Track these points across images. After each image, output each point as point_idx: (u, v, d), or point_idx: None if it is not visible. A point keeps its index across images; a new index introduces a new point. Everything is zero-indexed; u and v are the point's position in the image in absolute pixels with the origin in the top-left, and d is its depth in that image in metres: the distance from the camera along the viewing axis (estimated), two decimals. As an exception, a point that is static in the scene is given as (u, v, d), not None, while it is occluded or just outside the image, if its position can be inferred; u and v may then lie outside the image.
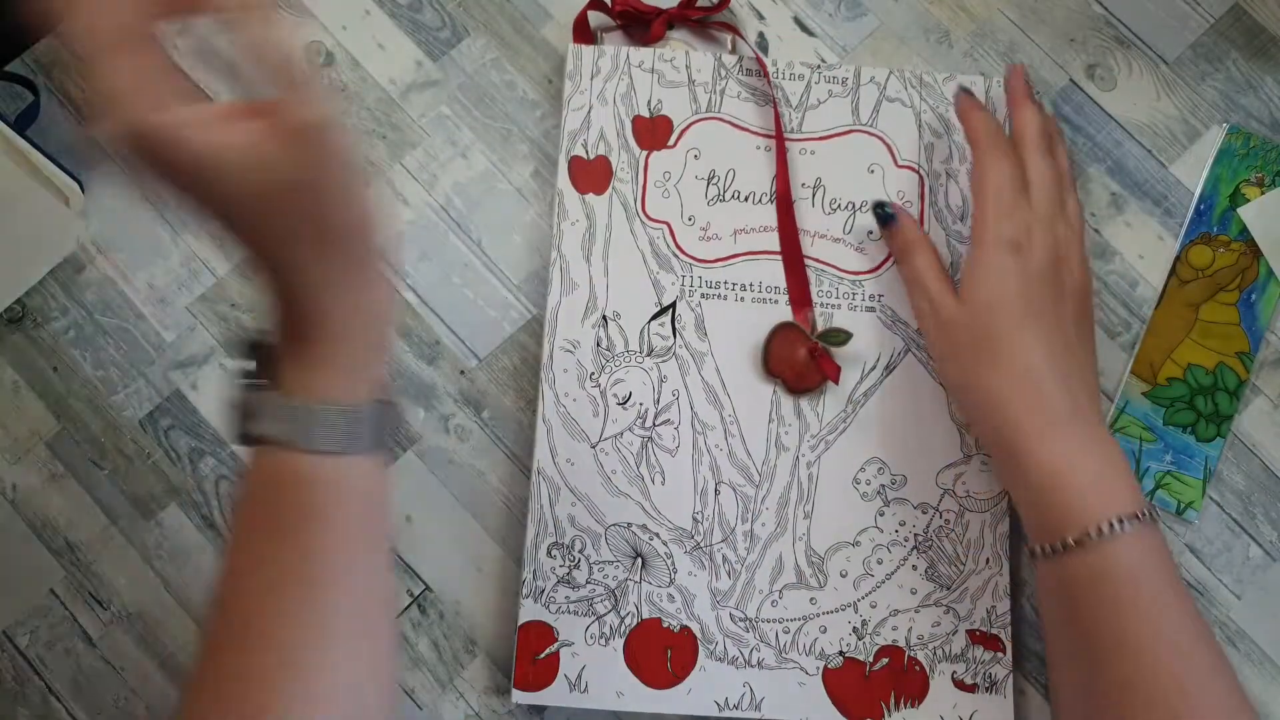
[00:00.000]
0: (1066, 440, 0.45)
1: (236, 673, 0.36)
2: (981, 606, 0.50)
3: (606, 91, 0.54)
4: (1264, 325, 0.53)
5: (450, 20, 0.57)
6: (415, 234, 0.55)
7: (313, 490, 0.37)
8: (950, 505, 0.51)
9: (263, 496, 0.38)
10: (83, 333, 0.54)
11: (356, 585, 0.39)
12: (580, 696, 0.49)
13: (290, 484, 0.37)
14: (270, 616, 0.37)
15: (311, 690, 0.37)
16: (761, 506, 0.51)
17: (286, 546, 0.37)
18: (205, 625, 0.38)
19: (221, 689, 0.37)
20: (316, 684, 0.37)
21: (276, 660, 0.36)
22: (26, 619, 0.51)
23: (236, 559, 0.38)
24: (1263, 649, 0.51)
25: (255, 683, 0.36)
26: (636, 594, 0.50)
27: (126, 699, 0.50)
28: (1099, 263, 0.55)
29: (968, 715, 0.49)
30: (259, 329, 0.39)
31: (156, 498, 0.52)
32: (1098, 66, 0.57)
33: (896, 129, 0.54)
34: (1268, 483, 0.52)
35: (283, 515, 0.37)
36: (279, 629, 0.37)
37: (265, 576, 0.37)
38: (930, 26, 0.57)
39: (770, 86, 0.54)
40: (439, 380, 0.53)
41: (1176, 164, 0.56)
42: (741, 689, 0.49)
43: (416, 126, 0.56)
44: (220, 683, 0.37)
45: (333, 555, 0.38)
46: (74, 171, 0.54)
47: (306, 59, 0.56)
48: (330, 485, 0.37)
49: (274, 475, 0.37)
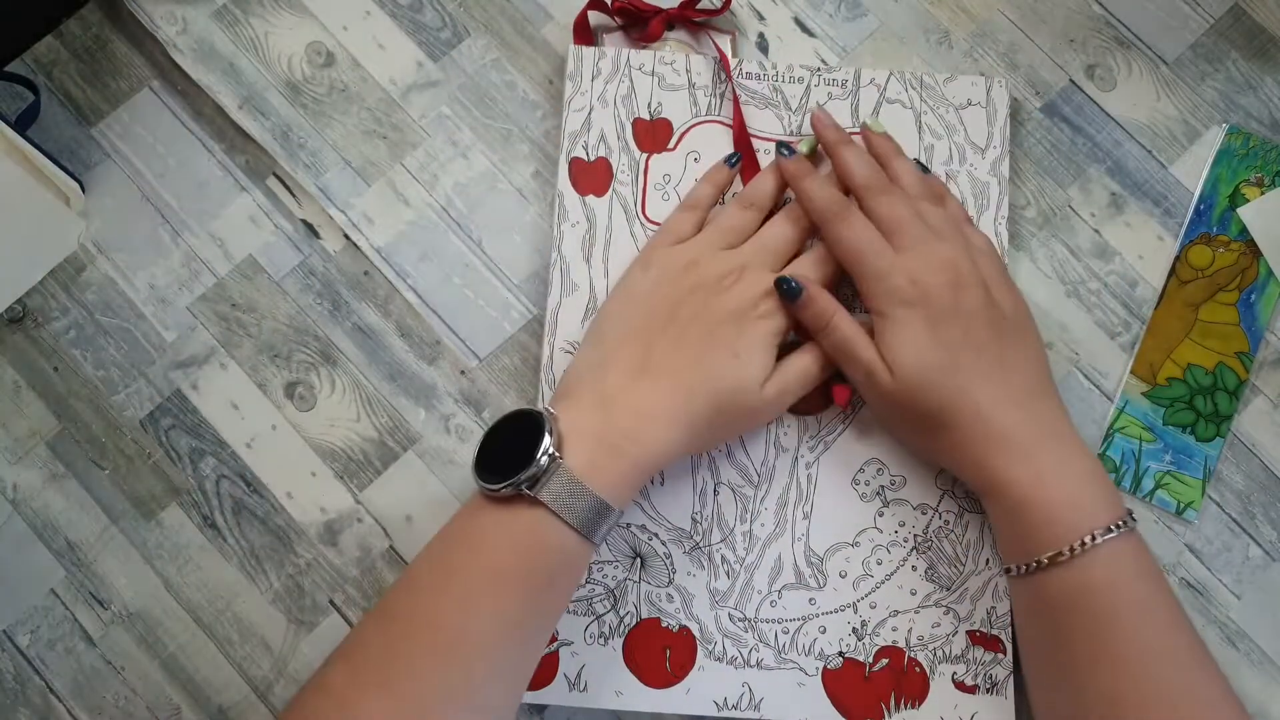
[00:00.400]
0: (1035, 461, 0.45)
1: (424, 683, 0.40)
2: (981, 607, 0.50)
3: (607, 93, 0.54)
4: (1263, 325, 0.53)
5: (450, 20, 0.57)
6: (416, 234, 0.55)
7: (564, 558, 0.43)
8: (950, 506, 0.51)
9: (523, 551, 0.42)
10: (83, 333, 0.54)
11: (542, 641, 0.44)
12: (580, 695, 0.49)
13: (545, 548, 0.42)
14: (474, 648, 0.41)
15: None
16: (760, 507, 0.51)
17: (521, 600, 0.42)
18: (396, 614, 0.42)
19: (400, 689, 0.40)
20: (477, 717, 0.41)
21: (461, 687, 0.41)
22: (26, 619, 0.51)
23: (471, 589, 0.42)
24: (1262, 649, 0.51)
25: (439, 699, 0.40)
26: (635, 594, 0.50)
27: (126, 699, 0.50)
28: (1100, 262, 0.55)
29: (968, 716, 0.49)
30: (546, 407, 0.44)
31: (156, 498, 0.52)
32: (1098, 67, 0.57)
33: (897, 131, 0.54)
34: (1267, 483, 0.52)
35: (537, 577, 0.42)
36: (479, 662, 0.41)
37: (493, 617, 0.41)
38: (930, 27, 0.57)
39: (732, 83, 0.54)
40: (439, 380, 0.53)
41: (1176, 164, 0.56)
42: (740, 689, 0.49)
43: (417, 127, 0.56)
44: (399, 683, 0.40)
45: (547, 620, 0.44)
46: (74, 171, 0.54)
47: (307, 59, 0.56)
48: (574, 560, 0.43)
49: (539, 537, 0.42)
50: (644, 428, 0.44)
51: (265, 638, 0.51)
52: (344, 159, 0.55)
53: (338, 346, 0.54)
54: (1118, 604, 0.43)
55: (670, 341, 0.46)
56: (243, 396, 0.53)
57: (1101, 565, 0.43)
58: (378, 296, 0.54)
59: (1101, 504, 0.44)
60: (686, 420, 0.45)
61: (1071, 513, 0.44)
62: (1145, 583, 0.44)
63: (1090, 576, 0.43)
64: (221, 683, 0.51)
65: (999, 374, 0.46)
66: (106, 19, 0.57)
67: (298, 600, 0.51)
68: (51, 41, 0.56)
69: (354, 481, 0.52)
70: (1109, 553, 0.43)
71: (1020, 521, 0.45)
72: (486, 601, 0.41)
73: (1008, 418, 0.45)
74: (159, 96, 0.56)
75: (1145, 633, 0.43)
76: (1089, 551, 0.43)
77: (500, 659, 0.42)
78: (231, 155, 0.56)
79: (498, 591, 0.42)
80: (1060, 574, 0.43)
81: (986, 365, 0.46)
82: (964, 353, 0.46)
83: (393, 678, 0.40)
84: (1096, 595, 0.43)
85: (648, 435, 0.44)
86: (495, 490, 0.42)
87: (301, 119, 0.56)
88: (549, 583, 0.43)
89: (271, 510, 0.52)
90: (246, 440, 0.53)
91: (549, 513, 0.42)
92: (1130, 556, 0.44)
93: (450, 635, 0.41)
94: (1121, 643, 0.42)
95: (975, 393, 0.45)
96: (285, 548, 0.52)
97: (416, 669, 0.40)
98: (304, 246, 0.55)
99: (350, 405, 0.53)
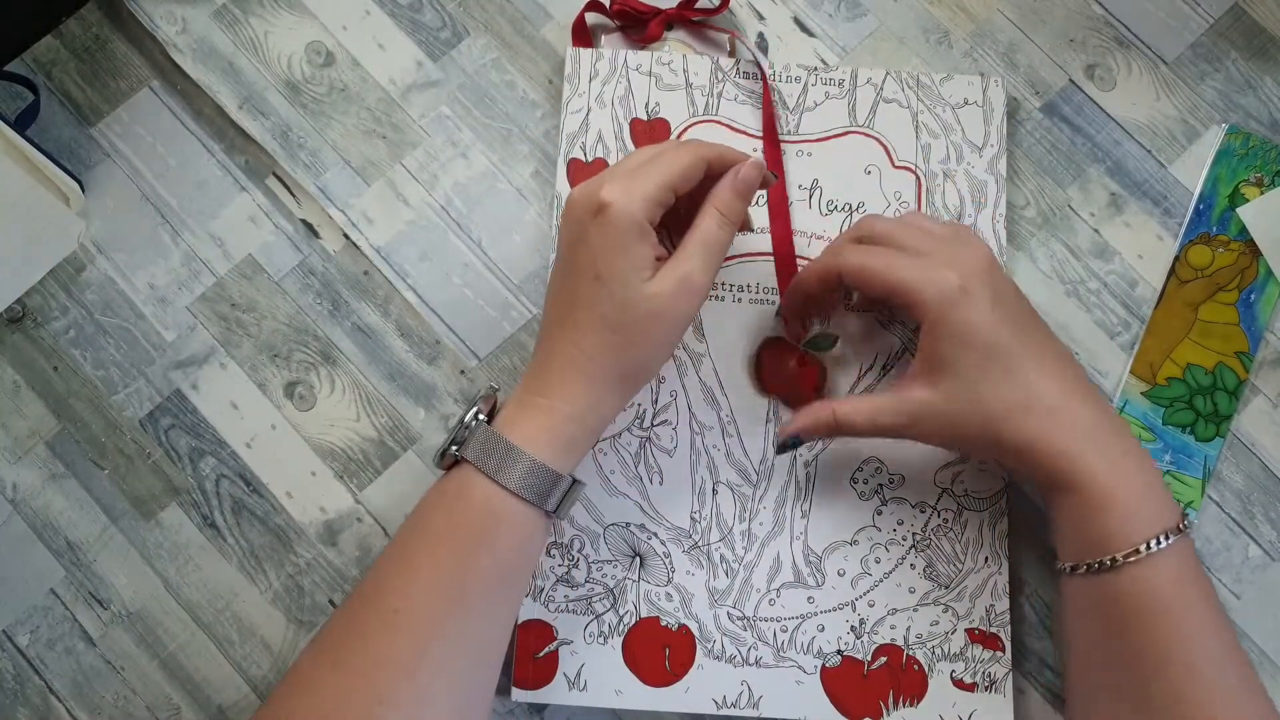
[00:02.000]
0: (1106, 452, 0.44)
1: (372, 654, 0.41)
2: (980, 605, 0.50)
3: (604, 94, 0.54)
4: (1263, 325, 0.53)
5: (450, 20, 0.57)
6: (415, 234, 0.55)
7: (490, 513, 0.43)
8: (949, 504, 0.51)
9: (451, 510, 0.44)
10: (83, 333, 0.54)
11: (494, 615, 0.44)
12: (579, 694, 0.49)
13: (470, 504, 0.43)
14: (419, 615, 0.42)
15: (422, 694, 0.41)
16: (759, 506, 0.51)
17: (455, 560, 0.43)
18: (355, 593, 0.44)
19: (350, 662, 0.41)
20: (428, 689, 0.41)
21: (407, 655, 0.41)
22: (26, 619, 0.51)
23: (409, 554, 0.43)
24: (1262, 649, 0.51)
25: (385, 668, 0.41)
26: (635, 593, 0.50)
27: (126, 699, 0.51)
28: (1099, 262, 0.55)
29: (967, 714, 0.49)
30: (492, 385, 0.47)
31: (156, 498, 0.52)
32: (1097, 66, 0.57)
33: (893, 130, 0.54)
34: (1267, 482, 0.52)
35: (462, 532, 0.43)
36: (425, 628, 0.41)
37: (431, 580, 0.42)
38: (930, 27, 0.57)
39: (767, 88, 0.54)
40: (439, 380, 0.53)
41: (1176, 164, 0.56)
42: (740, 687, 0.49)
43: (417, 127, 0.56)
44: (350, 657, 0.41)
45: (486, 584, 0.43)
46: (74, 171, 0.54)
47: (307, 59, 0.56)
48: (508, 519, 0.44)
49: (465, 495, 0.43)
50: (553, 386, 0.45)
51: (265, 637, 0.51)
52: (344, 159, 0.55)
53: (337, 346, 0.54)
54: (1188, 604, 0.43)
55: (551, 297, 0.46)
56: (242, 396, 0.53)
57: (1175, 564, 0.43)
58: (377, 296, 0.54)
59: (1167, 504, 0.44)
60: (588, 367, 0.44)
61: (1146, 510, 0.43)
62: (1205, 584, 0.44)
63: (1164, 575, 0.42)
64: (221, 682, 0.51)
65: (1053, 356, 0.45)
66: (106, 19, 0.57)
67: (297, 600, 0.51)
68: (51, 41, 0.56)
69: (354, 481, 0.53)
70: (1177, 554, 0.43)
71: (1098, 516, 0.43)
72: (424, 564, 0.42)
73: (1084, 408, 0.44)
74: (159, 96, 0.56)
75: (1212, 633, 0.43)
76: (1163, 550, 0.42)
77: (446, 627, 0.42)
78: (231, 155, 0.56)
79: (433, 553, 0.43)
80: (1133, 572, 0.43)
81: (1047, 350, 0.45)
82: (1026, 338, 0.45)
83: (345, 653, 0.41)
84: (1167, 595, 0.42)
85: (557, 392, 0.44)
86: (438, 460, 0.45)
87: (301, 119, 0.56)
88: (480, 541, 0.43)
89: (271, 510, 0.52)
90: (246, 440, 0.53)
91: (474, 470, 0.43)
92: (1193, 557, 0.44)
93: (391, 602, 0.42)
94: (1193, 642, 0.42)
95: (1040, 379, 0.44)
96: (285, 547, 0.52)
97: (367, 641, 0.41)
98: (304, 246, 0.55)
99: (350, 405, 0.53)
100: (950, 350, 0.44)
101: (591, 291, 0.44)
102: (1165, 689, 0.42)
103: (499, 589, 0.44)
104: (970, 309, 0.44)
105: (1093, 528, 0.44)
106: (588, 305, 0.44)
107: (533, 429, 0.44)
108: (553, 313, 0.46)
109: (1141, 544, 0.42)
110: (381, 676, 0.40)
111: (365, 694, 0.40)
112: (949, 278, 0.44)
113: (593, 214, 0.43)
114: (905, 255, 0.46)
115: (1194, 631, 0.42)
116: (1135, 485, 0.44)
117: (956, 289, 0.44)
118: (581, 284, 0.44)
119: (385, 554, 0.44)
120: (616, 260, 0.43)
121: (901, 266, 0.45)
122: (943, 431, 0.46)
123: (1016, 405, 0.44)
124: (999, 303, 0.44)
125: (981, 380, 0.44)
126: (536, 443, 0.44)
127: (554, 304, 0.46)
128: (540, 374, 0.45)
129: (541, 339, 0.46)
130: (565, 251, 0.45)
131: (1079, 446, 0.44)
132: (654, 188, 0.44)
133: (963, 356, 0.44)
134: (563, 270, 0.46)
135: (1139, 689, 0.43)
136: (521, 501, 0.43)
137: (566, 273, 0.45)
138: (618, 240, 0.43)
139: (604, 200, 0.43)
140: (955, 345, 0.44)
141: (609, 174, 0.45)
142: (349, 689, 0.40)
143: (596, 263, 0.43)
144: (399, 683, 0.40)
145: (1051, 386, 0.44)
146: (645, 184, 0.44)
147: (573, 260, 0.45)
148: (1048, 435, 0.44)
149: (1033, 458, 0.44)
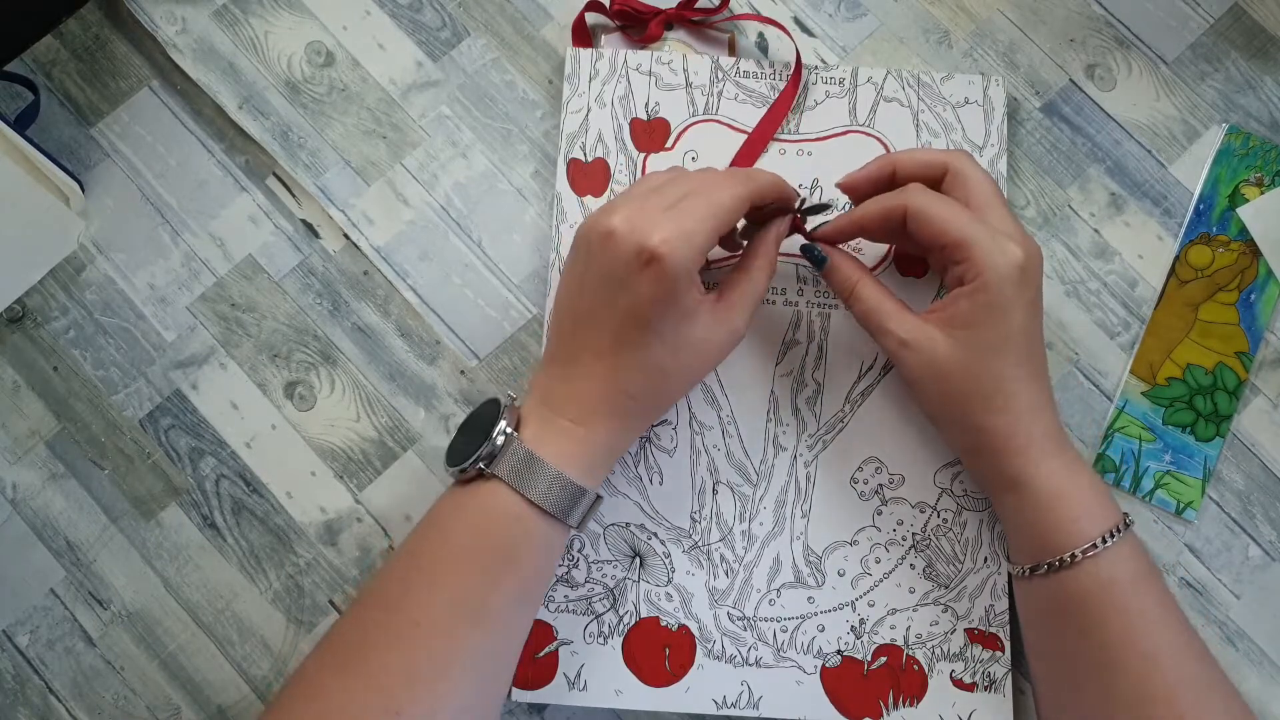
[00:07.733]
0: (1059, 459, 0.45)
1: (389, 665, 0.41)
2: (980, 605, 0.50)
3: (604, 94, 0.54)
4: (1263, 325, 0.53)
5: (450, 20, 0.57)
6: (415, 234, 0.55)
7: (522, 532, 0.43)
8: (948, 504, 0.51)
9: (476, 524, 0.43)
10: (83, 333, 0.54)
11: (512, 630, 0.44)
12: (579, 694, 0.49)
13: (501, 523, 0.43)
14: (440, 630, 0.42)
15: (437, 707, 0.41)
16: (759, 506, 0.51)
17: (480, 577, 0.42)
18: (367, 601, 0.43)
19: (364, 672, 0.41)
20: (443, 702, 0.41)
21: (425, 669, 0.41)
22: (26, 619, 0.51)
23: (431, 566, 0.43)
24: (1262, 649, 0.51)
25: (401, 680, 0.40)
26: (635, 593, 0.50)
27: (126, 699, 0.51)
28: (1099, 262, 0.55)
29: (966, 714, 0.49)
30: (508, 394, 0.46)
31: (156, 498, 0.52)
32: (1097, 66, 0.57)
33: (894, 129, 0.54)
34: (1267, 482, 0.52)
35: (488, 549, 0.43)
36: (445, 644, 0.41)
37: (455, 596, 0.42)
38: (930, 27, 0.57)
39: (798, 72, 0.54)
40: (439, 380, 0.53)
41: (1176, 164, 0.56)
42: (740, 687, 0.49)
43: (417, 126, 0.56)
44: (364, 666, 0.41)
45: (508, 602, 0.43)
46: (74, 171, 0.54)
47: (307, 60, 0.56)
48: (537, 536, 0.44)
49: (491, 510, 0.43)
50: (589, 417, 0.44)
51: (265, 637, 0.51)
52: (344, 159, 0.55)
53: (337, 346, 0.54)
54: (1144, 598, 0.44)
55: (583, 326, 0.45)
56: (242, 396, 0.53)
57: (1126, 560, 0.44)
58: (377, 296, 0.54)
59: (1111, 504, 0.45)
60: (629, 406, 0.44)
61: (1097, 508, 0.44)
62: (1158, 578, 0.45)
63: (1120, 569, 0.44)
64: (221, 683, 0.51)
65: (1041, 371, 0.46)
66: (106, 19, 0.57)
67: (297, 600, 0.51)
68: (51, 41, 0.56)
69: (354, 481, 0.53)
70: (1132, 545, 0.44)
71: (1049, 516, 0.45)
72: (447, 581, 0.42)
73: (1047, 412, 0.46)
74: (159, 96, 0.56)
75: (1168, 625, 0.44)
76: (1118, 544, 0.44)
77: (466, 643, 0.42)
78: (231, 155, 0.56)
79: (458, 570, 0.42)
80: (1089, 568, 0.44)
81: (1041, 359, 0.46)
82: (1035, 342, 0.46)
83: (355, 659, 0.41)
84: (1125, 589, 0.43)
85: (593, 423, 0.44)
86: (459, 472, 0.44)
87: (301, 119, 0.56)
88: (508, 559, 0.43)
89: (271, 510, 0.52)
90: (246, 440, 0.53)
91: (504, 486, 0.43)
92: (1142, 552, 0.45)
93: (411, 615, 0.41)
94: (1152, 636, 0.43)
95: (1033, 382, 0.45)
96: (285, 547, 0.52)
97: (379, 650, 0.41)
98: (304, 246, 0.55)
99: (350, 405, 0.53)
100: (983, 316, 0.44)
101: (639, 336, 0.43)
102: (1129, 681, 0.43)
103: (520, 606, 0.44)
104: (1019, 292, 0.44)
105: (1047, 525, 0.45)
106: (634, 348, 0.44)
107: (565, 452, 0.44)
108: (587, 341, 0.44)
109: (1098, 538, 0.44)
110: (398, 688, 0.40)
111: (379, 705, 0.40)
112: (1016, 253, 0.44)
113: (642, 263, 0.42)
114: (968, 213, 0.45)
115: (1153, 623, 0.43)
116: (1084, 484, 0.45)
117: (1019, 269, 0.44)
118: (628, 328, 0.43)
119: (400, 562, 0.44)
120: (669, 311, 0.43)
121: (970, 223, 0.45)
122: (924, 371, 0.46)
123: (1003, 393, 0.45)
124: (1038, 299, 0.46)
125: (992, 355, 0.45)
126: (569, 465, 0.44)
127: (589, 335, 0.44)
128: (575, 401, 0.44)
129: (575, 365, 0.45)
130: (598, 285, 0.43)
131: (1037, 449, 0.45)
132: (705, 240, 0.43)
133: (990, 327, 0.44)
134: (598, 304, 0.44)
135: (1104, 684, 0.44)
136: (548, 517, 0.43)
137: (605, 308, 0.43)
138: (670, 290, 0.42)
139: (657, 252, 0.41)
140: (991, 314, 0.44)
141: (651, 214, 0.43)
142: (362, 699, 0.40)
143: (647, 311, 0.43)
144: (415, 696, 0.40)
145: (1033, 390, 0.45)
146: (697, 236, 0.42)
147: (610, 299, 0.43)
148: (1014, 432, 0.45)
149: (991, 448, 0.46)
